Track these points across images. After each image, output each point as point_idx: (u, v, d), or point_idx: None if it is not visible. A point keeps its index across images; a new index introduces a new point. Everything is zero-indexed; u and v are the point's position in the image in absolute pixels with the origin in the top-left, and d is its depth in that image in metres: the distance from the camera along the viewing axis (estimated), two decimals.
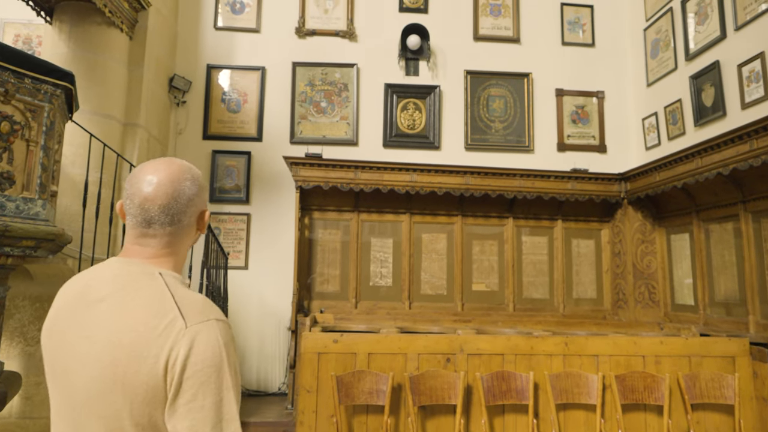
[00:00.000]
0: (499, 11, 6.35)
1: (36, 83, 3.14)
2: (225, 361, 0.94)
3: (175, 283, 1.04)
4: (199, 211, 1.14)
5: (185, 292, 1.02)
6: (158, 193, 1.05)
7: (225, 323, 1.00)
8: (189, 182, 1.09)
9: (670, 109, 5.57)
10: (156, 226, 1.06)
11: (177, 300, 0.98)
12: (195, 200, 1.10)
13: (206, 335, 0.95)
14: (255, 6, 6.15)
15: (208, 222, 1.19)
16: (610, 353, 3.38)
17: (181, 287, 1.03)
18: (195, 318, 0.96)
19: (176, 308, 0.97)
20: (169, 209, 1.06)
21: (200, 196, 1.13)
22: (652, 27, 5.95)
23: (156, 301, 0.98)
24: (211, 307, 1.01)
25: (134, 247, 1.09)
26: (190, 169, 1.12)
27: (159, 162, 1.10)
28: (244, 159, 5.88)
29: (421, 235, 5.82)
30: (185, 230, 1.11)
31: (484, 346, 3.34)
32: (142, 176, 1.07)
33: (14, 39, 5.96)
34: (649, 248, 5.63)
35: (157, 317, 0.95)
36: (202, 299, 1.03)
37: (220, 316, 1.00)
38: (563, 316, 5.65)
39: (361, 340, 3.24)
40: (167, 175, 1.07)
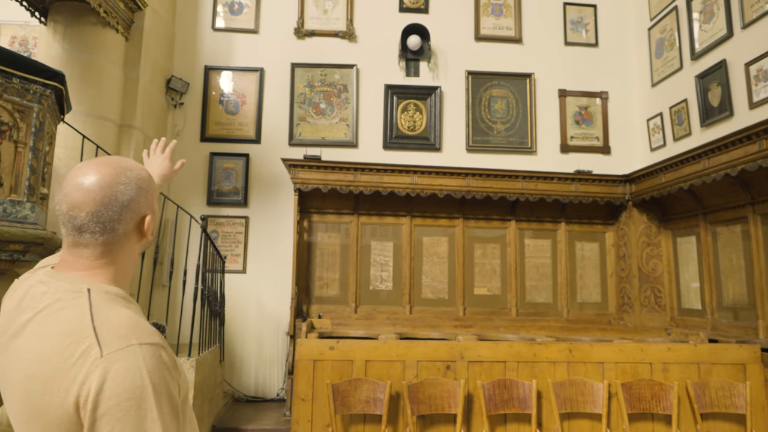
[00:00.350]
0: (500, 11, 6.26)
1: (24, 83, 3.06)
2: (149, 390, 0.83)
3: (102, 301, 0.93)
4: (139, 217, 1.03)
5: (109, 314, 0.91)
6: (86, 200, 0.95)
7: (153, 347, 0.88)
8: (123, 186, 0.99)
9: (676, 110, 5.46)
10: (87, 235, 0.96)
11: (96, 324, 0.88)
12: (131, 206, 1.00)
13: (124, 364, 0.83)
14: (253, 7, 6.08)
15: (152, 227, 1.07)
16: (616, 360, 3.27)
17: (107, 306, 0.93)
18: (113, 344, 0.85)
19: (93, 334, 0.86)
20: (100, 217, 0.96)
21: (139, 200, 1.02)
22: (657, 26, 5.85)
23: (73, 326, 0.88)
24: (135, 329, 0.89)
25: (68, 257, 0.99)
26: (127, 171, 1.01)
27: (92, 163, 1.00)
28: (242, 161, 5.80)
29: (422, 238, 5.72)
30: (123, 239, 1.01)
31: (485, 353, 3.23)
32: (72, 180, 0.97)
33: (10, 41, 5.90)
34: (654, 251, 5.51)
35: (72, 345, 0.85)
36: (128, 320, 0.91)
37: (147, 339, 0.88)
38: (567, 320, 5.53)
39: (358, 347, 3.15)
40: (98, 178, 0.96)
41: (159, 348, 0.89)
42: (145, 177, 1.04)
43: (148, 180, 1.06)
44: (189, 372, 3.86)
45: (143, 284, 4.33)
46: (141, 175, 1.04)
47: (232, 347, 5.52)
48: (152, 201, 1.06)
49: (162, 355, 0.89)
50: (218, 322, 4.97)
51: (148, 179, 1.05)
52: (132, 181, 1.00)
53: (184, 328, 4.36)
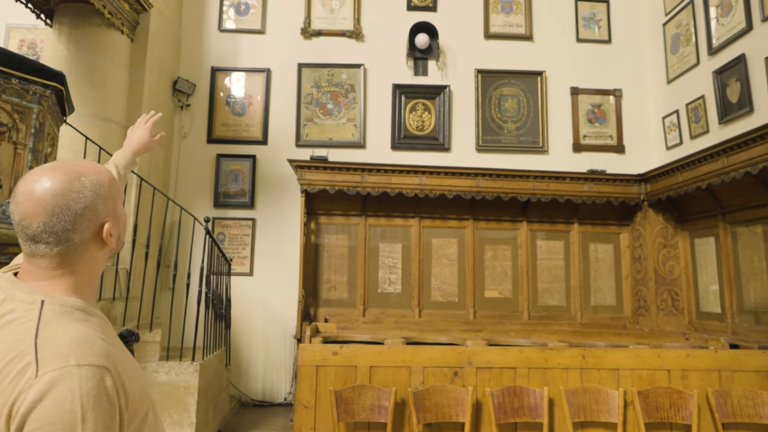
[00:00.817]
0: (510, 8, 6.14)
1: (24, 83, 3.02)
2: (78, 417, 0.76)
3: (53, 315, 0.87)
4: (97, 225, 0.96)
5: (56, 329, 0.85)
6: (37, 210, 0.89)
7: (94, 369, 0.81)
8: (76, 194, 0.92)
9: (693, 107, 5.29)
10: (41, 245, 0.90)
11: (39, 340, 0.82)
12: (86, 214, 0.93)
13: (57, 386, 0.77)
14: (260, 7, 6.03)
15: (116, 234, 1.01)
16: (632, 367, 3.13)
17: (57, 321, 0.87)
18: (50, 364, 0.79)
19: (34, 351, 0.80)
20: (52, 227, 0.90)
21: (96, 207, 0.95)
22: (672, 21, 5.69)
23: (17, 341, 0.83)
24: (78, 348, 0.83)
25: (26, 266, 0.94)
26: (81, 177, 0.94)
27: (44, 169, 0.94)
28: (249, 163, 5.75)
29: (431, 240, 5.61)
30: (80, 248, 0.94)
31: (494, 359, 3.11)
32: (23, 187, 0.91)
33: (19, 44, 5.92)
34: (671, 253, 5.34)
35: (13, 362, 0.80)
36: (73, 338, 0.84)
37: (88, 360, 0.81)
38: (581, 324, 5.38)
39: (363, 352, 3.05)
40: (50, 186, 0.90)
41: (102, 371, 0.82)
42: (103, 181, 0.98)
43: (108, 184, 0.99)
44: (192, 376, 3.80)
45: (147, 286, 4.28)
46: (98, 179, 0.97)
47: (239, 351, 5.46)
48: (113, 206, 1.00)
49: (104, 379, 0.81)
50: (224, 325, 4.91)
51: (107, 183, 0.98)
52: (86, 188, 0.94)
53: (188, 332, 4.30)
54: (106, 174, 1.00)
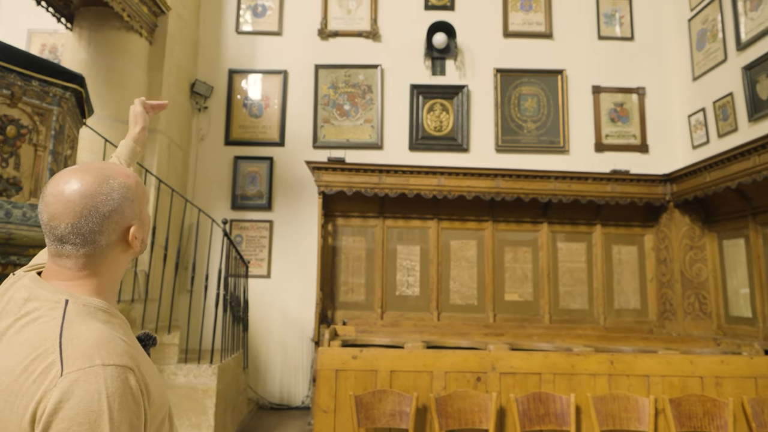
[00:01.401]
0: (530, 6, 6.03)
1: (44, 86, 3.02)
2: (105, 416, 0.76)
3: (77, 315, 0.87)
4: (123, 228, 0.96)
5: (80, 329, 0.85)
6: (66, 211, 0.90)
7: (119, 369, 0.81)
8: (105, 196, 0.93)
9: (720, 104, 5.13)
10: (68, 246, 0.91)
11: (64, 339, 0.82)
12: (114, 216, 0.94)
13: (83, 385, 0.77)
14: (277, 9, 6.02)
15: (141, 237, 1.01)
16: (663, 373, 3.01)
17: (81, 321, 0.87)
18: (75, 363, 0.79)
19: (58, 350, 0.80)
20: (80, 229, 0.91)
21: (123, 210, 0.95)
22: (698, 17, 5.53)
23: (42, 340, 0.83)
24: (103, 348, 0.83)
25: (51, 266, 0.95)
26: (110, 180, 0.95)
27: (73, 170, 0.95)
28: (266, 164, 5.73)
29: (450, 242, 5.52)
30: (106, 250, 0.95)
31: (518, 364, 3.02)
32: (52, 188, 0.93)
33: (41, 48, 5.99)
34: (698, 255, 5.19)
35: (37, 360, 0.80)
36: (98, 338, 0.84)
37: (113, 360, 0.81)
38: (605, 328, 5.24)
39: (383, 356, 2.98)
40: (79, 188, 0.91)
41: (126, 371, 0.82)
42: (130, 184, 0.98)
43: (135, 187, 0.99)
44: (210, 379, 3.77)
45: (165, 289, 4.27)
46: (126, 182, 0.98)
47: (256, 353, 5.43)
48: (139, 209, 1.00)
49: (128, 379, 0.82)
50: (242, 327, 4.88)
51: (134, 187, 0.99)
52: (115, 190, 0.95)
53: (206, 334, 4.28)
54: (133, 177, 1.01)
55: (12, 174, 2.90)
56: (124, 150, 1.59)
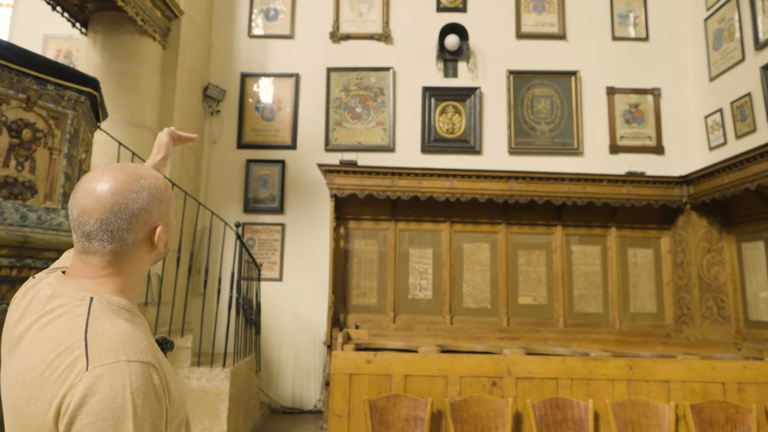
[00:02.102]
0: (543, 7, 5.99)
1: (59, 89, 3.04)
2: (129, 413, 0.77)
3: (102, 312, 0.88)
4: (150, 227, 0.98)
5: (105, 326, 0.86)
6: (96, 206, 0.92)
7: (143, 365, 0.82)
8: (135, 194, 0.95)
9: (738, 105, 5.05)
10: (96, 242, 0.93)
11: (89, 335, 0.83)
12: (142, 215, 0.95)
13: (108, 380, 0.78)
14: (289, 12, 6.03)
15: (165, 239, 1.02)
16: (683, 379, 2.95)
17: (105, 318, 0.87)
18: (100, 359, 0.80)
19: (83, 345, 0.81)
20: (108, 225, 0.92)
21: (151, 209, 0.97)
22: (714, 16, 5.45)
23: (67, 335, 0.84)
24: (128, 344, 0.84)
25: (77, 263, 0.96)
26: (141, 179, 0.97)
27: (106, 170, 0.97)
28: (278, 168, 5.73)
29: (463, 245, 5.48)
30: (132, 249, 0.96)
31: (534, 369, 2.97)
32: (84, 185, 0.95)
33: (56, 53, 6.05)
34: (716, 258, 5.09)
35: (62, 355, 0.81)
36: (123, 334, 0.85)
37: (138, 356, 0.82)
38: (621, 332, 5.16)
39: (397, 361, 2.95)
40: (110, 185, 0.93)
41: (150, 368, 0.83)
42: (159, 186, 1.00)
43: (164, 189, 1.01)
44: (223, 383, 3.76)
45: (178, 292, 4.27)
46: (156, 183, 1.00)
47: (268, 357, 5.42)
48: (166, 211, 1.02)
49: (152, 376, 0.83)
50: (254, 331, 4.87)
51: (163, 188, 1.01)
52: (144, 190, 0.96)
53: (219, 338, 4.27)
54: (162, 179, 1.02)
55: (27, 177, 2.92)
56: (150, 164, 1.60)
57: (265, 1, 6.06)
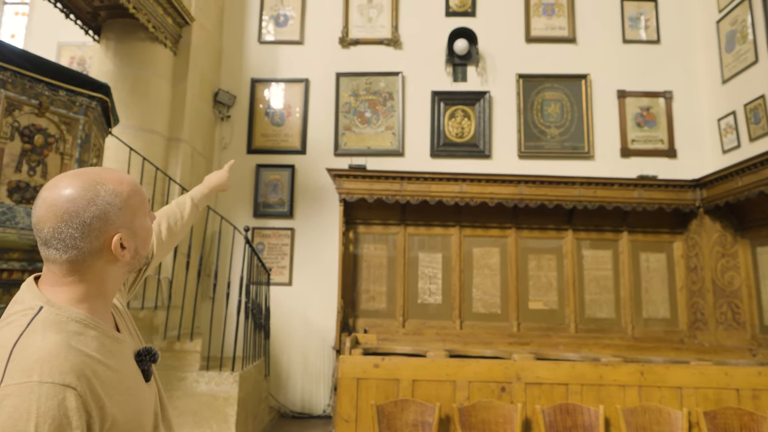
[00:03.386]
0: (552, 11, 5.97)
1: (71, 95, 3.08)
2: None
3: (43, 324, 0.85)
4: (107, 236, 0.93)
5: (34, 340, 0.82)
6: (48, 215, 0.90)
7: (55, 387, 0.77)
8: (87, 202, 0.90)
9: (751, 107, 4.98)
10: (52, 251, 0.90)
11: (15, 349, 0.80)
12: (95, 224, 0.91)
13: (13, 401, 0.74)
14: (298, 18, 6.07)
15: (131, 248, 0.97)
16: (696, 385, 2.90)
17: (41, 331, 0.84)
18: (14, 377, 0.76)
19: (6, 360, 0.78)
20: (60, 233, 0.89)
21: (107, 217, 0.92)
22: (726, 18, 5.39)
23: (1, 346, 0.81)
24: (46, 363, 0.79)
25: (44, 270, 0.94)
26: (97, 185, 0.93)
27: (65, 176, 0.94)
28: (287, 172, 5.75)
29: (472, 249, 5.45)
30: (90, 257, 0.92)
31: (544, 374, 2.94)
32: (42, 192, 0.92)
33: (69, 61, 6.14)
34: (730, 262, 5.01)
35: None
36: (46, 352, 0.80)
37: (51, 378, 0.77)
38: (633, 338, 5.09)
39: (405, 365, 2.93)
40: (64, 193, 0.90)
41: (66, 390, 0.78)
42: (120, 191, 0.95)
43: (127, 195, 0.96)
44: (232, 387, 3.77)
45: (188, 296, 4.30)
46: (116, 189, 0.94)
47: (278, 361, 5.43)
48: (129, 218, 0.96)
49: (66, 400, 0.77)
50: (263, 335, 4.88)
51: (126, 194, 0.96)
52: (99, 196, 0.92)
53: (228, 342, 4.29)
54: (127, 185, 0.97)
55: (39, 182, 2.95)
56: (199, 193, 1.67)
57: (275, 7, 6.11)
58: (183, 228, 1.55)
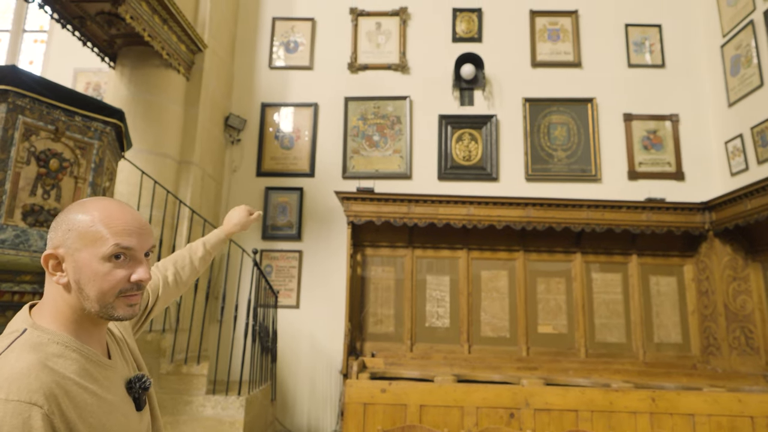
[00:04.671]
0: (557, 36, 6.05)
1: (86, 120, 3.15)
2: None
3: (23, 345, 0.87)
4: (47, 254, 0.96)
5: (10, 359, 0.84)
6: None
7: (21, 405, 0.78)
8: (55, 223, 0.98)
9: (758, 130, 4.98)
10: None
11: None
12: (50, 243, 0.97)
13: None
14: (308, 44, 6.20)
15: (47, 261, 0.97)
16: (709, 412, 2.85)
17: (18, 352, 0.86)
18: None
19: None
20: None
21: (55, 237, 0.97)
22: (731, 42, 5.44)
23: None
24: (15, 382, 0.80)
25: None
26: (69, 212, 0.99)
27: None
28: (296, 195, 5.80)
29: (480, 272, 5.43)
30: (48, 277, 0.97)
31: (553, 400, 2.90)
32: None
33: (85, 86, 6.29)
34: (742, 286, 4.95)
35: None
36: (17, 371, 0.82)
37: (18, 396, 0.78)
38: (644, 363, 5.01)
39: (412, 390, 2.91)
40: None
41: (32, 409, 0.79)
42: (81, 219, 0.96)
43: (84, 223, 0.96)
44: (238, 411, 3.75)
45: (196, 319, 4.31)
46: (79, 215, 0.97)
47: (284, 385, 5.39)
48: (75, 244, 0.95)
49: (31, 418, 0.78)
50: (270, 358, 4.87)
51: (85, 223, 0.96)
52: (65, 222, 0.97)
53: (235, 365, 4.28)
54: (92, 212, 0.97)
55: (53, 205, 3.01)
56: (214, 238, 1.70)
57: (286, 34, 6.25)
58: (192, 273, 1.57)
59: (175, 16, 4.66)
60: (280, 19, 6.27)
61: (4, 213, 2.76)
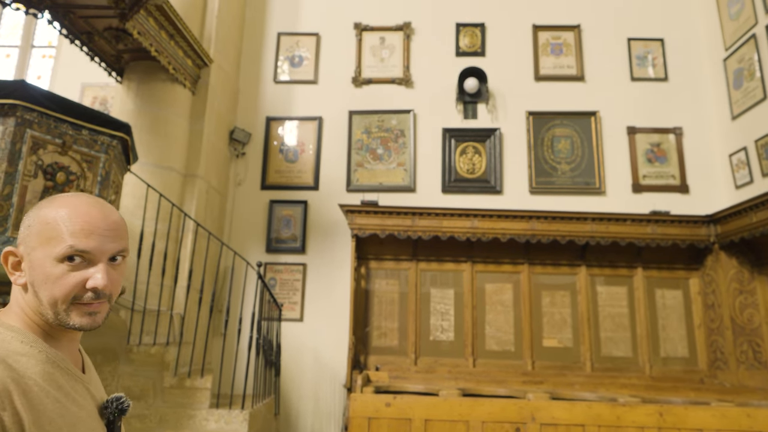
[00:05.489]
0: (560, 50, 6.09)
1: (93, 134, 3.19)
2: None
3: None
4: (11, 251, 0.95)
5: None
6: None
7: None
8: (23, 219, 0.95)
9: (763, 143, 4.99)
10: None
11: None
12: (18, 239, 0.94)
13: None
14: (313, 59, 6.26)
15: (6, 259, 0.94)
16: (718, 427, 2.81)
17: None
18: None
19: None
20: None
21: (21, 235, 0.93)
22: (734, 56, 5.47)
23: None
24: None
25: None
26: (38, 207, 0.95)
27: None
28: (300, 208, 5.81)
29: (485, 285, 5.41)
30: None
31: (560, 415, 2.87)
32: None
33: (92, 100, 6.36)
34: (749, 299, 4.91)
35: None
36: None
37: None
38: (651, 377, 4.96)
39: (417, 404, 2.88)
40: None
41: None
42: (42, 214, 0.92)
43: (44, 219, 0.91)
44: (242, 426, 3.72)
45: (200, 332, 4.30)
46: (42, 209, 0.93)
47: (288, 399, 5.36)
48: (33, 242, 0.91)
49: None
50: (273, 372, 4.84)
51: (46, 219, 0.91)
52: (27, 215, 0.95)
53: (238, 379, 4.26)
54: (58, 209, 0.92)
55: None
56: None
57: (291, 48, 6.31)
58: None
59: (182, 32, 4.72)
60: (285, 34, 6.35)
61: (11, 226, 2.77)
